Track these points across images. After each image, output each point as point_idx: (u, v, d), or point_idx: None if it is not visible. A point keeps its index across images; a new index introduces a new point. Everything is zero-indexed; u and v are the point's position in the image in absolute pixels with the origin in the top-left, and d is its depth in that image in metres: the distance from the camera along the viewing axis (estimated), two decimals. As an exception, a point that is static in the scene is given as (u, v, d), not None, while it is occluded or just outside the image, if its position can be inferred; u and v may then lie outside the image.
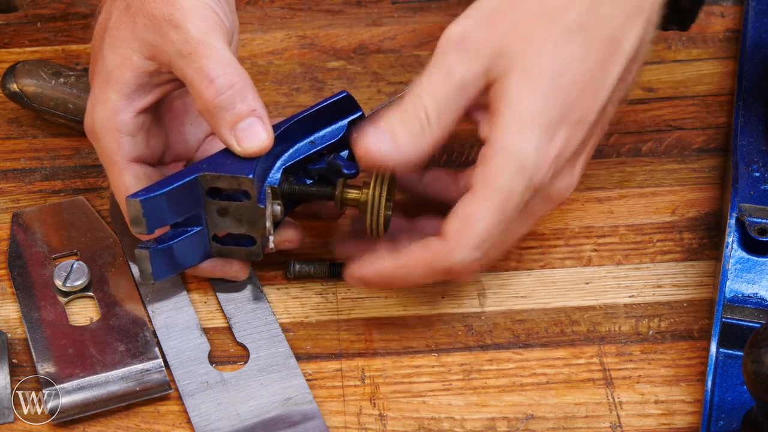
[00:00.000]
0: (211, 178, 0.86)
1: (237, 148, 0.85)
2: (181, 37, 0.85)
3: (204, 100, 0.85)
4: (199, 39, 0.85)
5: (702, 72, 1.06)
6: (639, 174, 1.00)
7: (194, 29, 0.85)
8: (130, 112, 0.88)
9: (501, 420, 0.87)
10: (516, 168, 0.82)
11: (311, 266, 0.94)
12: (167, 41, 0.85)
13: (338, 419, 0.87)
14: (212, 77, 0.85)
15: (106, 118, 0.88)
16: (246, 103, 0.85)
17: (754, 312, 0.88)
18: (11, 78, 1.01)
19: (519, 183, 0.82)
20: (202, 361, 0.90)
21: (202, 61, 0.85)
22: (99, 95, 0.89)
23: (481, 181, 0.82)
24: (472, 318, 0.92)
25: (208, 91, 0.85)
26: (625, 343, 0.90)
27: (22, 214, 0.97)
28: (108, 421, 0.87)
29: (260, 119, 0.85)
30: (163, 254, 0.88)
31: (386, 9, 1.11)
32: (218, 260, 0.91)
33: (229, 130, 0.85)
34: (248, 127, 0.85)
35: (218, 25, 0.86)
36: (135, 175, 0.89)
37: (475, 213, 0.82)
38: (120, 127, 0.88)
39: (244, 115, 0.85)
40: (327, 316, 0.93)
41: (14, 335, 0.91)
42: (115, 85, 0.88)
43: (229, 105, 0.85)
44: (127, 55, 0.87)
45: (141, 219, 0.85)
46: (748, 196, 0.93)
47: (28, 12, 1.11)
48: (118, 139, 0.89)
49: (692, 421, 0.87)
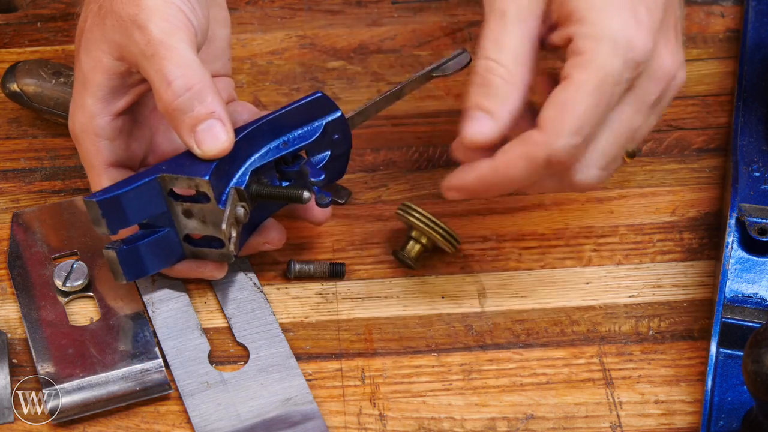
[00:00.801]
0: (169, 180, 0.85)
1: (197, 151, 0.85)
2: (144, 38, 0.85)
3: (163, 103, 0.85)
4: (160, 40, 0.84)
5: (702, 72, 1.06)
6: (639, 174, 1.00)
7: (156, 30, 0.85)
8: (107, 116, 0.88)
9: (501, 420, 0.87)
10: (608, 46, 0.80)
11: (311, 266, 0.94)
12: (132, 42, 0.85)
13: (338, 419, 0.87)
14: (170, 79, 0.84)
15: (84, 122, 0.88)
16: (204, 105, 0.85)
17: (754, 312, 0.88)
18: (11, 77, 1.01)
19: (615, 60, 0.80)
20: (202, 361, 0.90)
21: (162, 62, 0.84)
22: (77, 99, 0.89)
23: (576, 67, 0.80)
24: (472, 318, 0.92)
25: (166, 93, 0.84)
26: (625, 343, 0.91)
27: (22, 214, 0.97)
28: (108, 421, 0.87)
29: (219, 121, 0.85)
30: (131, 255, 0.88)
31: (386, 9, 1.11)
32: (192, 261, 0.91)
33: (188, 132, 0.85)
34: (207, 129, 0.85)
35: (183, 24, 0.86)
36: (112, 179, 0.89)
37: (571, 97, 0.80)
38: (98, 131, 0.88)
39: (202, 118, 0.85)
40: (327, 316, 0.93)
41: (14, 335, 0.91)
42: (90, 88, 0.88)
43: (188, 107, 0.84)
44: (98, 57, 0.87)
45: (100, 219, 0.85)
46: (748, 196, 0.93)
47: (28, 12, 1.11)
48: (97, 143, 0.88)
49: (692, 421, 0.87)
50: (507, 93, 0.82)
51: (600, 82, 0.80)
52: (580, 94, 0.80)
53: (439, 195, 0.98)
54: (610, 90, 0.80)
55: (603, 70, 0.80)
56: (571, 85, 0.80)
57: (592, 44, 0.80)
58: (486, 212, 0.98)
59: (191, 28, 0.86)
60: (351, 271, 0.95)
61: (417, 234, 0.92)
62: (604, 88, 0.80)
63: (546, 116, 0.81)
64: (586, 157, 0.83)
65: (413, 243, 0.93)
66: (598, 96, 0.80)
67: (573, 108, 0.80)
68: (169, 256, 0.90)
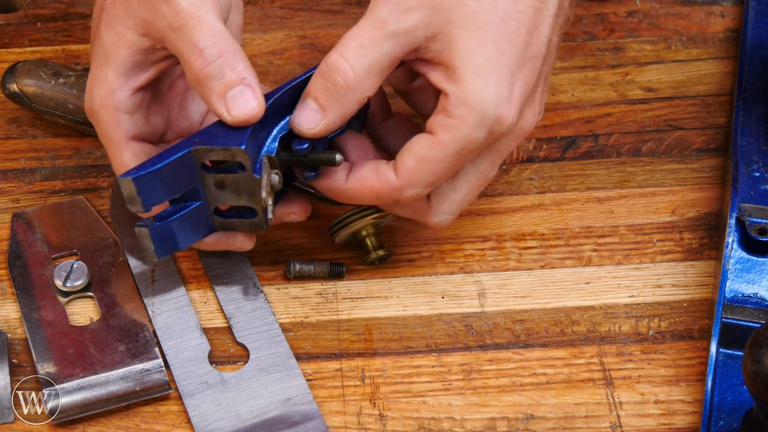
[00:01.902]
0: (203, 152, 0.85)
1: (227, 117, 0.85)
2: (171, 11, 0.85)
3: (194, 71, 0.85)
4: (188, 11, 0.85)
5: (702, 72, 1.06)
6: (639, 174, 1.00)
7: (184, 2, 0.85)
8: (128, 90, 0.88)
9: (501, 420, 0.87)
10: (477, 118, 0.83)
11: (311, 266, 0.94)
12: (159, 16, 0.85)
13: (338, 419, 0.87)
14: (201, 47, 0.84)
15: (103, 96, 0.88)
16: (236, 71, 0.85)
17: (754, 312, 0.88)
18: (11, 78, 1.01)
19: (480, 132, 0.84)
20: (202, 361, 0.90)
21: (191, 32, 0.84)
22: (96, 74, 0.88)
23: (443, 128, 0.84)
24: (472, 318, 0.92)
25: (197, 61, 0.84)
26: (625, 343, 0.91)
27: (22, 214, 0.97)
28: (108, 421, 0.87)
29: (250, 87, 0.85)
30: (164, 231, 0.87)
31: (386, 9, 1.11)
32: (222, 233, 0.91)
33: (219, 98, 0.85)
34: (238, 95, 0.85)
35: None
36: (134, 152, 0.89)
37: (433, 155, 0.84)
38: (117, 105, 0.88)
39: (233, 84, 0.85)
40: (327, 316, 0.93)
41: (14, 335, 0.91)
42: (112, 63, 0.87)
43: (219, 74, 0.84)
44: (122, 32, 0.87)
45: (136, 197, 0.84)
46: (748, 196, 0.93)
47: (28, 12, 1.11)
48: (116, 117, 0.88)
49: (692, 421, 0.87)
50: (345, 99, 0.85)
51: (462, 148, 0.84)
52: (441, 154, 0.84)
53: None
54: (469, 154, 0.85)
55: (467, 138, 0.84)
56: (435, 144, 0.84)
57: (464, 112, 0.83)
58: (486, 212, 0.98)
59: (218, 3, 0.87)
60: (351, 271, 0.95)
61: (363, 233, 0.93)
62: (464, 153, 0.85)
63: (405, 165, 0.85)
64: (442, 204, 0.89)
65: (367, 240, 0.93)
66: (457, 159, 0.85)
67: (432, 166, 0.85)
68: (199, 229, 0.89)
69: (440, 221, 0.89)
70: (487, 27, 0.83)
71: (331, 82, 0.84)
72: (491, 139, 0.85)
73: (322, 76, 0.85)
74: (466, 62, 0.83)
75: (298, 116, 0.86)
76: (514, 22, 0.84)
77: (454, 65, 0.83)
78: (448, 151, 0.84)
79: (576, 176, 1.00)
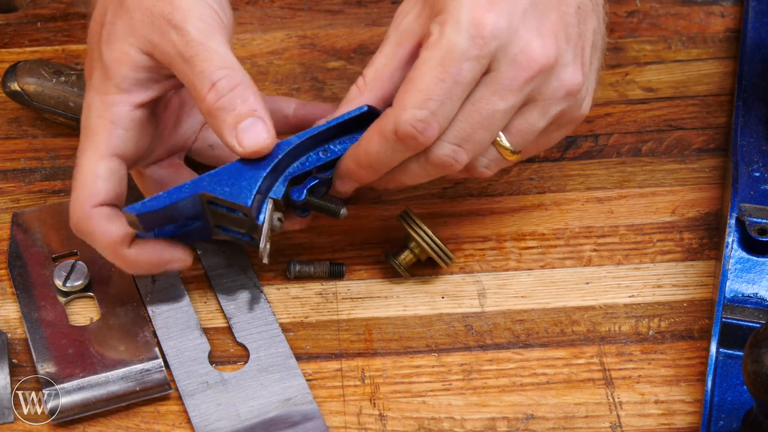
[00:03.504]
0: (210, 197, 0.86)
1: (238, 149, 0.85)
2: (182, 39, 0.85)
3: (207, 104, 0.85)
4: (199, 41, 0.85)
5: (702, 72, 1.06)
6: (639, 174, 1.00)
7: (195, 31, 0.85)
8: (127, 105, 0.87)
9: (501, 420, 0.87)
10: (452, 26, 0.82)
11: (311, 266, 0.94)
12: (167, 41, 0.85)
13: (338, 419, 0.87)
14: (214, 80, 0.85)
15: (103, 108, 0.87)
16: (247, 104, 0.85)
17: (754, 312, 0.88)
18: (12, 77, 1.01)
19: (457, 37, 0.82)
20: (202, 361, 0.90)
21: (203, 64, 0.85)
22: (98, 87, 0.88)
23: (423, 48, 0.83)
24: (472, 318, 0.92)
25: (210, 94, 0.85)
26: (625, 343, 0.91)
27: (22, 214, 0.97)
28: (108, 421, 0.87)
29: (261, 119, 0.85)
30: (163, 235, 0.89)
31: (386, 9, 1.11)
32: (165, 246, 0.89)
33: (230, 130, 0.85)
34: (249, 127, 0.85)
35: (217, 24, 0.86)
36: (109, 168, 0.87)
37: (417, 73, 0.83)
38: (115, 119, 0.87)
39: (245, 115, 0.85)
40: (327, 316, 0.93)
41: (14, 335, 0.91)
42: (114, 79, 0.87)
43: (230, 106, 0.85)
44: (125, 50, 0.87)
45: (137, 225, 0.86)
46: (748, 196, 0.93)
47: (28, 12, 1.11)
48: (111, 130, 0.87)
49: (692, 421, 0.87)
50: (354, 98, 0.88)
51: (443, 58, 0.82)
52: (423, 69, 0.83)
53: (439, 195, 0.98)
54: (456, 65, 0.82)
55: (446, 46, 0.82)
56: (417, 63, 0.83)
57: (439, 27, 0.83)
58: (486, 212, 0.98)
59: (224, 27, 0.87)
60: (351, 271, 0.95)
61: (413, 245, 0.92)
62: (448, 63, 0.82)
63: (398, 93, 0.84)
64: (443, 134, 0.85)
65: (408, 252, 0.93)
66: (442, 70, 0.82)
67: (417, 82, 0.83)
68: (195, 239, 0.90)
69: (438, 152, 0.85)
70: None
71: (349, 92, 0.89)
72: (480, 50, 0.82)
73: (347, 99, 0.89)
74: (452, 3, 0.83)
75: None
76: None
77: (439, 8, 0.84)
78: (429, 65, 0.82)
79: (576, 176, 1.00)
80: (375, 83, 0.87)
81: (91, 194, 0.87)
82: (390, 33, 0.88)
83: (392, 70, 0.87)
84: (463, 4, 0.82)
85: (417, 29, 0.86)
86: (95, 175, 0.87)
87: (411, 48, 0.86)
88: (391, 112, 0.84)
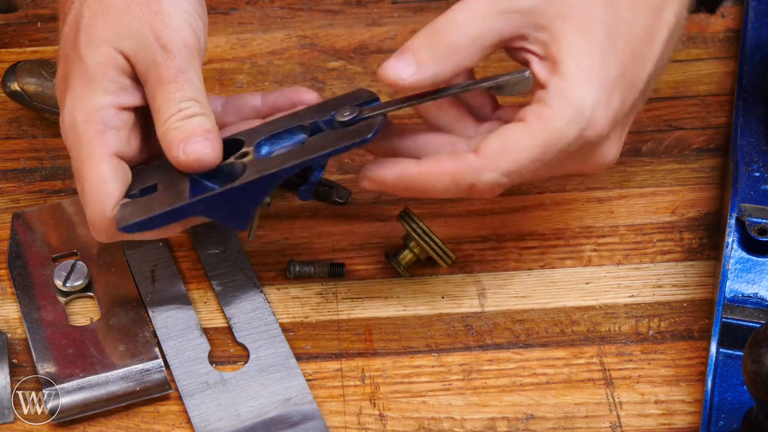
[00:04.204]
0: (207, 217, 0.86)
1: (181, 158, 0.84)
2: (165, 62, 0.85)
3: (166, 125, 0.85)
4: (180, 68, 0.85)
5: (702, 72, 1.06)
6: (639, 174, 1.00)
7: (179, 56, 0.85)
8: (114, 107, 0.86)
9: (501, 420, 0.87)
10: (574, 113, 0.82)
11: (311, 266, 0.94)
12: (151, 59, 0.85)
13: (338, 419, 0.87)
14: (182, 108, 0.85)
15: (90, 112, 0.86)
16: (203, 127, 0.85)
17: (754, 312, 0.88)
18: (12, 77, 1.01)
19: (573, 129, 0.82)
20: (202, 361, 0.90)
21: (176, 94, 0.85)
22: (80, 93, 0.86)
23: (536, 117, 0.82)
24: (472, 318, 0.92)
25: (172, 117, 0.85)
26: (625, 343, 0.91)
27: (22, 214, 0.97)
28: (108, 421, 0.87)
29: (211, 141, 0.85)
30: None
31: (386, 9, 1.11)
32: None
33: (178, 144, 0.84)
34: (197, 142, 0.85)
35: (197, 50, 0.86)
36: (112, 168, 0.86)
37: (520, 141, 0.82)
38: (105, 120, 0.86)
39: (197, 134, 0.85)
40: (327, 316, 0.93)
41: (14, 335, 0.91)
42: (100, 83, 0.86)
43: (185, 127, 0.85)
44: (109, 54, 0.86)
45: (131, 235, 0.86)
46: (748, 196, 0.93)
47: (28, 12, 1.11)
48: (103, 132, 0.86)
49: (692, 421, 0.87)
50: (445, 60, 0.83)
51: (551, 141, 0.82)
52: (529, 141, 0.82)
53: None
54: (554, 152, 0.82)
55: (559, 132, 0.82)
56: (525, 130, 0.82)
57: (561, 104, 0.82)
58: (486, 212, 0.98)
59: (201, 53, 0.87)
60: (351, 271, 0.95)
61: (413, 244, 0.92)
62: (551, 149, 0.82)
63: (489, 147, 0.82)
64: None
65: (407, 252, 0.93)
66: (543, 153, 0.82)
67: (518, 151, 0.82)
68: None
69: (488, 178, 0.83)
70: (596, 34, 0.83)
71: (436, 40, 0.83)
72: (578, 147, 0.83)
73: (427, 34, 0.83)
74: (571, 59, 0.82)
75: (392, 66, 0.84)
76: (622, 40, 0.83)
77: (559, 59, 0.82)
78: (536, 140, 0.82)
79: (576, 176, 1.00)
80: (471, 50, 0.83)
81: (105, 200, 0.86)
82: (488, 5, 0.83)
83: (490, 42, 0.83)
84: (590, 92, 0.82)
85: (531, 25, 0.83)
86: (101, 179, 0.86)
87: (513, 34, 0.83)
88: (476, 164, 0.82)
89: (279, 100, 0.93)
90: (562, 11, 0.83)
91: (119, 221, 0.85)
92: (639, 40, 0.84)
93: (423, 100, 0.86)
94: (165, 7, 0.86)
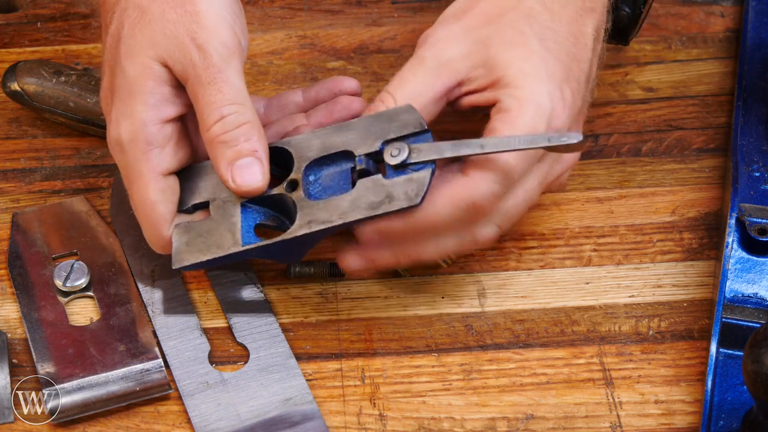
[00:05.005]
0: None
1: (231, 184, 0.85)
2: (203, 62, 0.84)
3: (211, 134, 0.85)
4: (218, 68, 0.85)
5: (702, 72, 1.06)
6: (639, 174, 1.00)
7: (216, 55, 0.85)
8: (158, 122, 0.86)
9: (501, 420, 0.87)
10: (535, 108, 0.83)
11: (311, 266, 0.94)
12: (188, 60, 0.85)
13: (338, 419, 0.87)
14: (224, 114, 0.84)
15: (133, 131, 0.86)
16: (250, 143, 0.85)
17: (754, 312, 0.88)
18: (12, 77, 1.01)
19: (539, 122, 0.84)
20: (202, 361, 0.90)
21: (216, 96, 0.84)
22: (123, 109, 0.86)
23: (503, 122, 0.84)
24: (472, 318, 0.92)
25: (216, 125, 0.85)
26: (625, 343, 0.91)
27: (22, 214, 0.97)
28: (108, 421, 0.87)
29: (260, 161, 0.85)
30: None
31: (386, 9, 1.11)
32: None
33: (227, 165, 0.85)
34: (246, 166, 0.85)
35: (236, 49, 0.86)
36: (161, 189, 0.87)
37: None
38: (149, 139, 0.86)
39: (245, 154, 0.85)
40: (327, 316, 0.93)
41: (14, 335, 0.91)
42: (140, 95, 0.86)
43: (233, 142, 0.85)
44: (147, 64, 0.86)
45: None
46: (748, 196, 0.93)
47: (28, 12, 1.11)
48: (147, 151, 0.86)
49: (692, 421, 0.87)
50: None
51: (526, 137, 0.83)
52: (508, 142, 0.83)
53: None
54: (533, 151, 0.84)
55: (529, 127, 0.83)
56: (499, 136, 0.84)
57: (519, 104, 0.84)
58: (486, 212, 0.98)
59: (242, 52, 0.87)
60: (351, 271, 0.95)
61: None
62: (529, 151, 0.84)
63: (473, 160, 0.84)
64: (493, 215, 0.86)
65: None
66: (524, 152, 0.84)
67: (499, 157, 0.83)
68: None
69: (485, 233, 0.86)
70: (528, 44, 0.85)
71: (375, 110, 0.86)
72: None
73: (370, 108, 0.87)
74: (512, 69, 0.84)
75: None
76: (552, 42, 0.86)
77: (503, 75, 0.85)
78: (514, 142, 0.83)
79: (576, 176, 1.00)
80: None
81: (158, 222, 0.87)
82: (426, 57, 0.87)
83: (426, 102, 0.86)
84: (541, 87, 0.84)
85: (462, 70, 0.86)
86: (152, 203, 0.87)
87: (450, 86, 0.86)
88: (466, 182, 0.83)
89: (320, 93, 0.94)
90: (489, 43, 0.85)
91: (175, 257, 0.87)
92: (568, 44, 0.87)
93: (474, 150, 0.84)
94: (200, 7, 0.85)
